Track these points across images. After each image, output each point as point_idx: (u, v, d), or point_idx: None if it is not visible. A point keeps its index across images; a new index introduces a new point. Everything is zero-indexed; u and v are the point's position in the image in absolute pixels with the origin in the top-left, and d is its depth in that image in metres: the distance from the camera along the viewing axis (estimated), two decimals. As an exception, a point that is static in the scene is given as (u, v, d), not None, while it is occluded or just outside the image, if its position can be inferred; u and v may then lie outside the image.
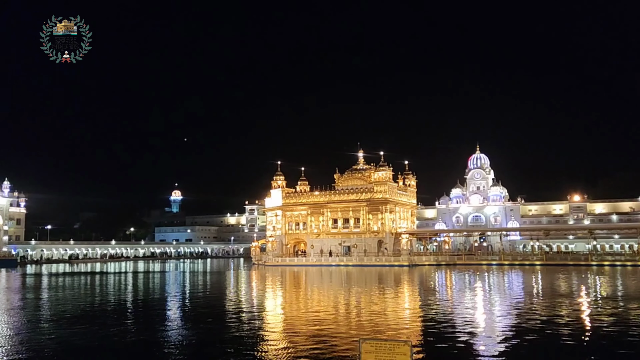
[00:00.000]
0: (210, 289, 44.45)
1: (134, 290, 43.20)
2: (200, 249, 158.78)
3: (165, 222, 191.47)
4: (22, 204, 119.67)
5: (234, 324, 23.18)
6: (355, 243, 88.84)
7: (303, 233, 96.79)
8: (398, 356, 6.42)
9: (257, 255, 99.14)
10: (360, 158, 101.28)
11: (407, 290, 41.92)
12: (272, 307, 31.63)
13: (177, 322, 24.86)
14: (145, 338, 20.09)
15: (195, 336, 20.40)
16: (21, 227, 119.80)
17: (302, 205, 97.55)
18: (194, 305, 32.27)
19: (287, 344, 18.32)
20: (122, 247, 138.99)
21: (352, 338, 18.86)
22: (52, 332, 21.80)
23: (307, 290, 42.41)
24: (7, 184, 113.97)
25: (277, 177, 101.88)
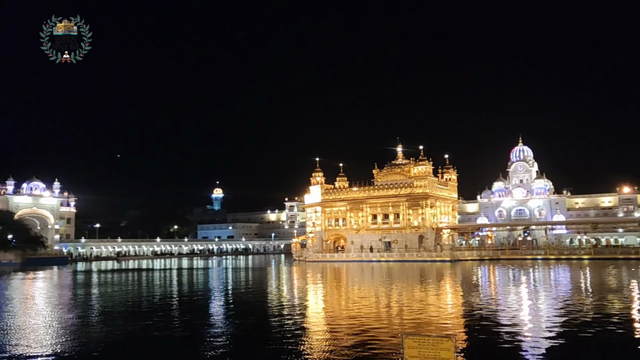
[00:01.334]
0: (252, 285, 45.06)
1: (179, 286, 44.25)
2: (242, 246, 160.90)
3: (207, 220, 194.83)
4: (72, 204, 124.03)
5: (276, 320, 23.42)
6: (395, 238, 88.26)
7: (343, 229, 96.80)
8: (442, 352, 6.36)
9: (297, 251, 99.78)
10: (399, 153, 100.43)
11: (450, 285, 41.39)
12: (314, 302, 31.81)
13: (220, 317, 25.32)
14: (189, 333, 20.55)
15: (239, 332, 20.73)
16: (71, 226, 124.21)
17: (341, 202, 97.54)
18: (237, 301, 32.77)
19: (329, 340, 18.41)
20: (166, 245, 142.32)
21: (394, 333, 18.79)
22: (100, 326, 22.56)
23: (348, 286, 42.45)
24: (58, 185, 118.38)
25: (315, 173, 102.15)
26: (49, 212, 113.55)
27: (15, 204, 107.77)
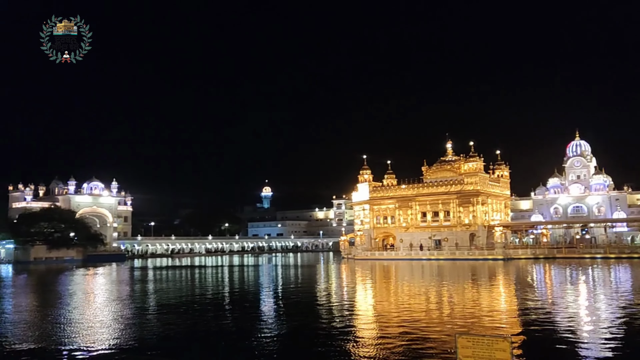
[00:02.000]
0: (301, 283, 45.43)
1: (230, 283, 45.16)
2: (291, 243, 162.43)
3: (257, 218, 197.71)
4: (129, 203, 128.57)
5: (325, 317, 23.56)
6: (445, 236, 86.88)
7: (391, 227, 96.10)
8: (497, 352, 6.26)
9: (346, 249, 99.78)
10: (449, 149, 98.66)
11: (503, 284, 40.42)
12: (364, 300, 31.78)
13: (270, 315, 25.68)
14: (240, 328, 20.93)
15: (288, 328, 20.97)
16: (128, 224, 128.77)
17: (389, 199, 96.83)
18: (287, 298, 33.11)
19: (380, 339, 18.36)
20: (218, 242, 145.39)
21: (446, 333, 18.55)
22: (156, 321, 23.34)
23: (398, 284, 42.15)
24: (115, 185, 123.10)
25: (363, 171, 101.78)
26: (107, 211, 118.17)
27: (76, 203, 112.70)
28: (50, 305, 30.06)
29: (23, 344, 17.88)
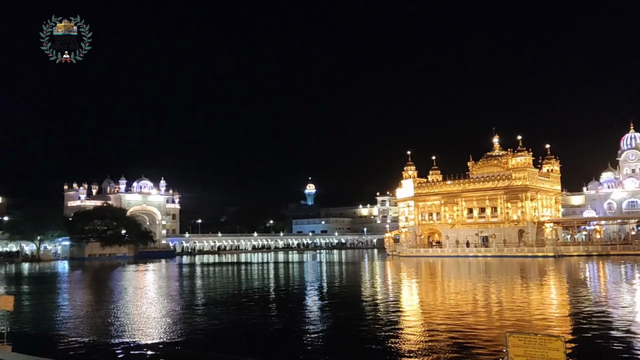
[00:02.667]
0: (346, 279, 45.41)
1: (276, 279, 45.61)
2: (335, 240, 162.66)
3: (301, 215, 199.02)
4: (176, 201, 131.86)
5: (370, 315, 23.44)
6: (493, 233, 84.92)
7: (437, 223, 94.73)
8: (550, 352, 6.03)
9: (390, 246, 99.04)
10: (496, 144, 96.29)
11: (554, 282, 39.18)
12: (409, 297, 31.48)
13: (315, 310, 25.76)
14: (285, 325, 21.09)
15: (333, 325, 20.95)
16: (176, 221, 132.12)
17: (434, 195, 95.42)
18: (332, 295, 33.15)
19: (427, 335, 18.12)
20: (263, 239, 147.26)
21: (494, 331, 18.13)
22: (204, 315, 23.81)
23: (444, 282, 41.54)
24: (164, 183, 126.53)
25: (407, 167, 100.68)
26: (156, 209, 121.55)
27: (127, 201, 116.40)
28: (104, 300, 31.15)
29: (78, 337, 18.59)
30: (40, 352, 9.55)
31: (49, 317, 23.89)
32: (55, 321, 22.96)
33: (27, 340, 17.28)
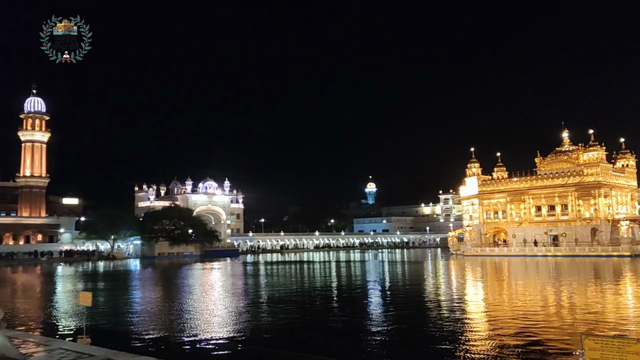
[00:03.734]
0: (409, 279, 44.90)
1: (338, 278, 45.74)
2: (397, 239, 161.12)
3: (362, 214, 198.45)
4: (240, 201, 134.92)
5: (434, 315, 23.02)
6: (563, 231, 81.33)
7: (503, 222, 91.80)
8: (629, 355, 5.69)
9: (454, 245, 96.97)
10: (565, 138, 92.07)
11: (631, 283, 37.03)
12: (475, 298, 30.69)
13: (378, 309, 25.62)
14: (349, 323, 21.09)
15: (397, 324, 20.75)
16: (240, 221, 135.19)
17: (500, 193, 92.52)
18: (394, 294, 32.86)
19: (494, 336, 17.61)
20: (324, 238, 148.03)
21: (567, 333, 17.37)
22: (268, 312, 24.22)
23: (511, 282, 40.22)
24: (228, 184, 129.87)
25: (471, 164, 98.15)
26: (221, 209, 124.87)
27: (193, 201, 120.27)
28: (173, 297, 32.34)
29: (149, 332, 19.39)
30: (117, 346, 10.03)
31: (123, 313, 25.08)
32: (128, 316, 24.08)
33: (104, 334, 18.20)
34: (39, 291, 39.60)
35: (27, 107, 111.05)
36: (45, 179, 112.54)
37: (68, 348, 9.05)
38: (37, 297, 34.51)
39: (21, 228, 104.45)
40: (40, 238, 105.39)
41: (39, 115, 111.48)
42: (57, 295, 35.60)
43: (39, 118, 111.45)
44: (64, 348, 9.06)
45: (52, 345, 9.53)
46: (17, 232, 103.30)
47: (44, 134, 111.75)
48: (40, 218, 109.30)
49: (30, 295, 36.03)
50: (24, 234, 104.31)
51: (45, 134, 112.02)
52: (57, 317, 24.22)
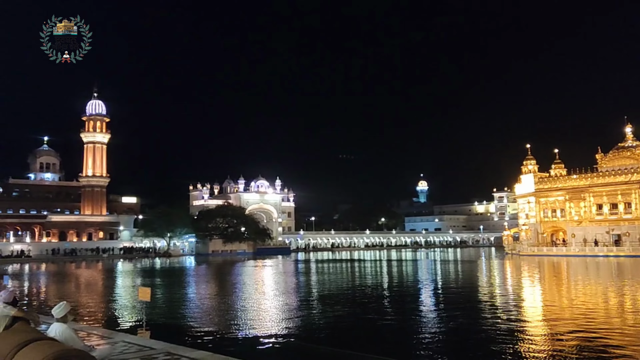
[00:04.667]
0: (462, 278, 44.06)
1: (389, 277, 45.46)
2: (450, 238, 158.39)
3: (413, 212, 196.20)
4: (291, 199, 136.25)
5: (489, 315, 22.49)
6: (626, 231, 77.54)
7: (561, 221, 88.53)
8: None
9: (509, 244, 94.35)
10: (629, 133, 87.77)
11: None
12: (532, 298, 29.78)
13: (431, 308, 25.28)
14: (399, 323, 20.92)
15: (450, 324, 20.41)
16: (291, 219, 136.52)
17: (558, 191, 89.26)
18: (448, 293, 32.32)
19: (552, 340, 17.05)
20: (375, 237, 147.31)
21: (629, 338, 16.60)
22: (319, 310, 24.35)
23: (571, 283, 38.77)
24: (279, 182, 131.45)
25: (527, 161, 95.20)
26: (272, 207, 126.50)
27: (245, 200, 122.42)
28: (226, 293, 33.07)
29: (204, 327, 19.92)
30: (174, 340, 10.39)
31: (179, 308, 25.87)
32: (184, 311, 24.82)
33: (162, 328, 18.84)
34: (101, 286, 41.39)
35: (88, 110, 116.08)
36: (105, 179, 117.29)
37: (130, 341, 9.45)
38: (99, 292, 36.09)
39: (84, 226, 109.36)
40: (102, 235, 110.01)
41: (100, 118, 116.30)
42: (117, 290, 37.12)
43: (99, 120, 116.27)
44: (126, 341, 9.46)
45: (115, 338, 9.97)
46: (80, 229, 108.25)
47: (104, 136, 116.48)
48: (102, 216, 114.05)
49: (93, 290, 37.70)
50: (87, 231, 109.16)
51: (106, 135, 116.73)
52: (118, 311, 25.26)
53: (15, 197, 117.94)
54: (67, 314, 7.88)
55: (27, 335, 6.57)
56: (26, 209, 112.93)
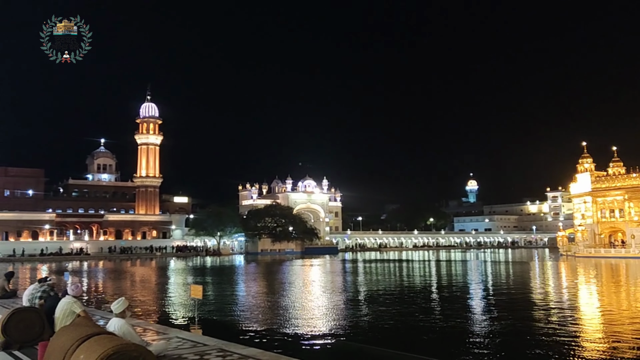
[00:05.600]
0: (514, 280, 42.92)
1: (438, 277, 44.81)
2: (500, 239, 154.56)
3: (462, 212, 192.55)
4: (338, 199, 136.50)
5: (542, 319, 21.78)
6: (692, 232, 73.60)
7: (620, 221, 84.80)
8: None
9: (564, 245, 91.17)
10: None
11: None
12: (589, 302, 28.68)
13: (480, 310, 24.76)
14: (449, 324, 20.59)
15: (499, 326, 19.93)
16: (338, 219, 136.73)
17: (616, 190, 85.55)
18: (498, 294, 31.55)
19: (611, 348, 16.39)
20: (423, 237, 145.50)
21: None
22: (367, 310, 24.30)
23: (630, 286, 37.09)
24: (326, 182, 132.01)
25: (583, 159, 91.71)
26: (319, 207, 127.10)
27: (293, 200, 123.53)
28: (275, 291, 33.48)
29: (254, 325, 20.25)
30: (225, 337, 10.63)
31: (229, 305, 26.39)
32: (234, 309, 25.31)
33: (213, 325, 19.30)
34: (155, 283, 42.73)
35: (142, 113, 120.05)
36: (158, 179, 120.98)
37: (184, 337, 9.75)
38: (153, 289, 37.27)
39: (138, 225, 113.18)
40: (155, 234, 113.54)
41: (153, 120, 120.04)
42: (170, 288, 38.22)
43: (152, 122, 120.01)
44: (180, 337, 9.76)
45: (169, 334, 10.29)
46: (135, 228, 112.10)
47: (157, 137, 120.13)
48: (155, 215, 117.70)
49: (147, 287, 38.98)
50: (141, 230, 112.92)
51: (159, 136, 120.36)
52: (170, 308, 26.03)
53: (74, 197, 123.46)
54: (125, 310, 8.23)
55: (88, 329, 6.93)
56: (85, 208, 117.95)
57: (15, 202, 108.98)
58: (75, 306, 9.07)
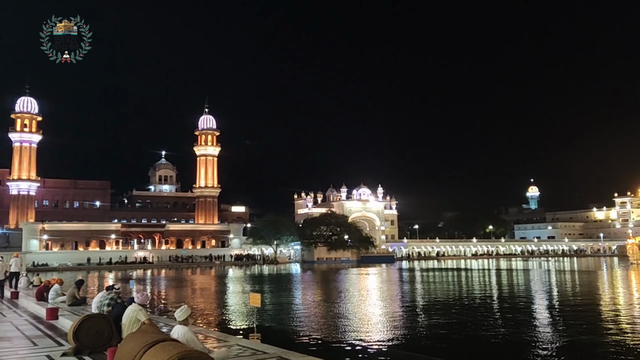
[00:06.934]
0: (580, 290, 41.07)
1: (499, 287, 43.54)
2: (565, 247, 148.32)
3: (523, 220, 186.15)
4: (394, 207, 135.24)
5: (610, 332, 20.75)
6: None
7: (697, 227, 79.60)
8: None
9: (634, 253, 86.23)
10: None
11: None
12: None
13: (544, 322, 23.86)
14: (511, 335, 19.97)
15: (564, 338, 19.15)
16: (394, 227, 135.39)
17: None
18: (563, 305, 30.28)
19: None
20: (483, 245, 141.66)
21: None
22: (424, 319, 23.95)
23: None
24: (381, 190, 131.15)
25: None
26: (375, 215, 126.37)
27: (348, 208, 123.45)
28: (332, 300, 33.53)
29: (312, 333, 20.38)
30: (283, 345, 10.78)
31: (287, 314, 26.68)
32: (292, 317, 25.55)
33: (271, 333, 19.57)
34: (214, 291, 43.75)
35: (200, 125, 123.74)
36: (216, 189, 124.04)
37: (244, 345, 9.96)
38: (213, 297, 38.17)
39: (198, 234, 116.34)
40: (214, 243, 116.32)
41: (211, 132, 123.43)
42: (229, 296, 39.04)
43: (210, 134, 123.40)
44: (240, 345, 9.99)
45: (230, 342, 10.55)
46: (194, 237, 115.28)
47: (215, 148, 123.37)
48: (214, 225, 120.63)
49: (207, 295, 39.97)
50: (201, 239, 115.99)
51: (216, 148, 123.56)
52: (230, 315, 26.59)
53: (138, 208, 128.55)
54: (187, 317, 8.52)
55: (154, 336, 7.24)
56: (147, 218, 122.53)
57: (84, 214, 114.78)
58: (140, 314, 9.45)
